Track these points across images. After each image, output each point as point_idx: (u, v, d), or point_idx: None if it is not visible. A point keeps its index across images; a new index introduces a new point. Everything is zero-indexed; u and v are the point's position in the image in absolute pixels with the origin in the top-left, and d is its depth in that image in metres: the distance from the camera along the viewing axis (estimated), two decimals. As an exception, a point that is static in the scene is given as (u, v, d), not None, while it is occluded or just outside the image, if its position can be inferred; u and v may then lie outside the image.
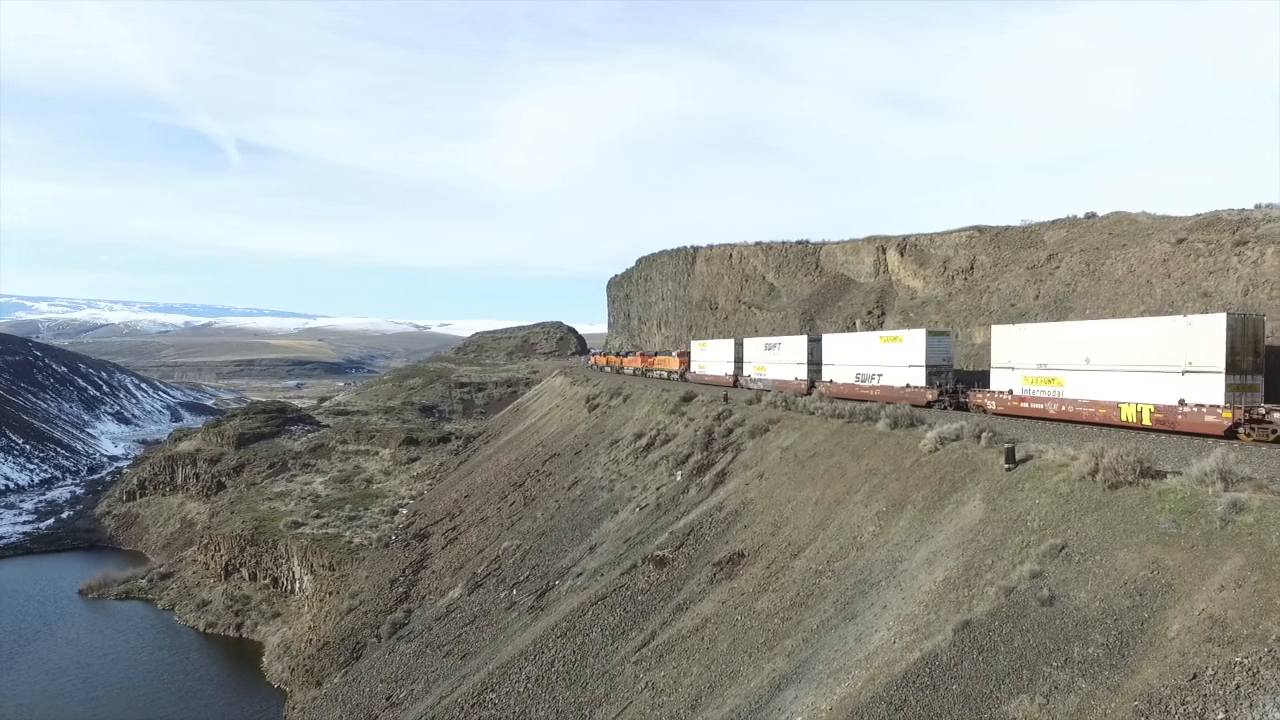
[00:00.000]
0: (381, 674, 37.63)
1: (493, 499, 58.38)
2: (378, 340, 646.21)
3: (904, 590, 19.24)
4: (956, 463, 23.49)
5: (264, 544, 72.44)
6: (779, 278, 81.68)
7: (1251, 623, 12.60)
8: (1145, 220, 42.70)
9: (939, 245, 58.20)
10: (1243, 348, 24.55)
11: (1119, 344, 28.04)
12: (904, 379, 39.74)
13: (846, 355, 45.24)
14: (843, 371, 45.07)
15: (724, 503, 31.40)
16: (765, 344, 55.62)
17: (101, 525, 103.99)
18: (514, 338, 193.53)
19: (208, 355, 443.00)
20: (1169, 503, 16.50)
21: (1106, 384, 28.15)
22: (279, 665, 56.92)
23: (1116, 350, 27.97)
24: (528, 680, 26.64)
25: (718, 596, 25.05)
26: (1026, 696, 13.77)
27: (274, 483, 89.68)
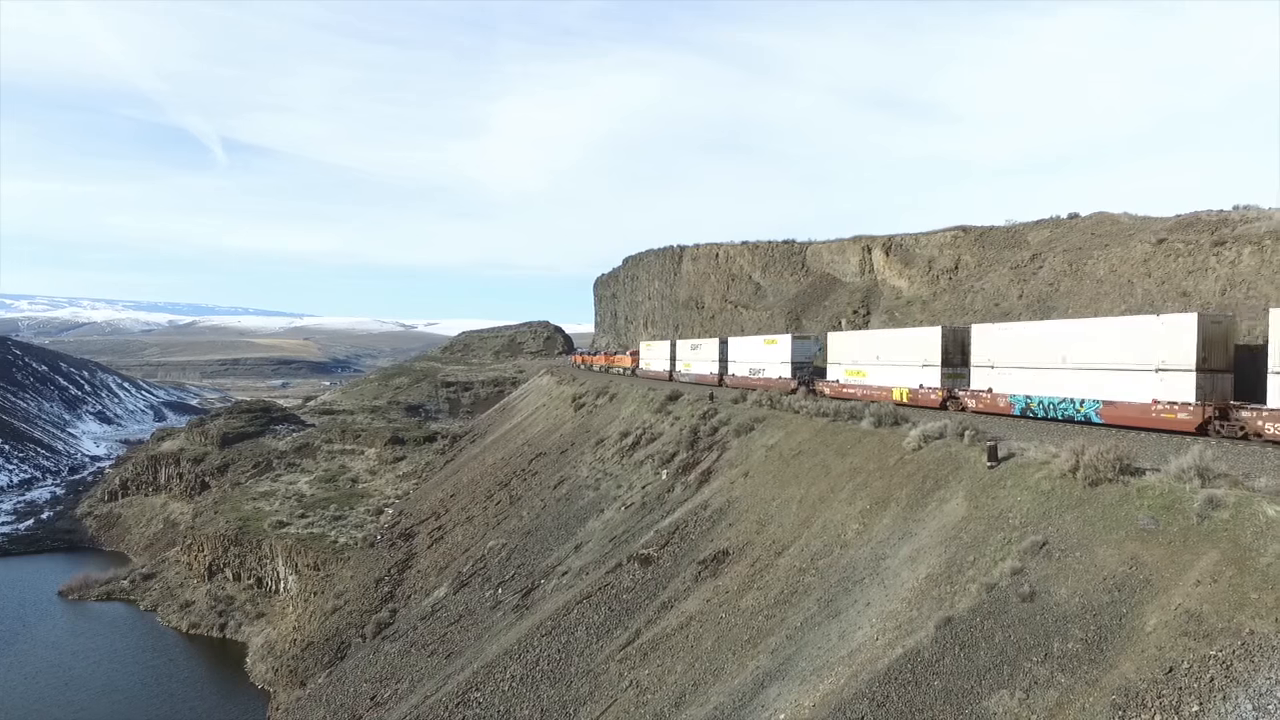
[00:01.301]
0: (366, 674, 37.44)
1: (479, 498, 58.22)
2: (364, 339, 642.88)
3: (887, 587, 19.35)
4: (939, 461, 23.63)
5: (248, 544, 71.93)
6: (765, 277, 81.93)
7: (1226, 617, 12.76)
8: (1127, 221, 43.13)
9: (924, 245, 58.54)
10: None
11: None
12: (778, 372, 50.41)
13: (744, 354, 56.33)
14: (741, 367, 56.10)
15: (709, 501, 31.46)
16: (691, 345, 67.71)
17: (82, 526, 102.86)
18: (501, 337, 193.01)
19: (192, 354, 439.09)
20: (1147, 499, 16.68)
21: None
22: (263, 666, 56.54)
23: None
24: (512, 679, 26.59)
25: (702, 594, 25.10)
26: (1007, 691, 13.89)
27: (258, 482, 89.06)
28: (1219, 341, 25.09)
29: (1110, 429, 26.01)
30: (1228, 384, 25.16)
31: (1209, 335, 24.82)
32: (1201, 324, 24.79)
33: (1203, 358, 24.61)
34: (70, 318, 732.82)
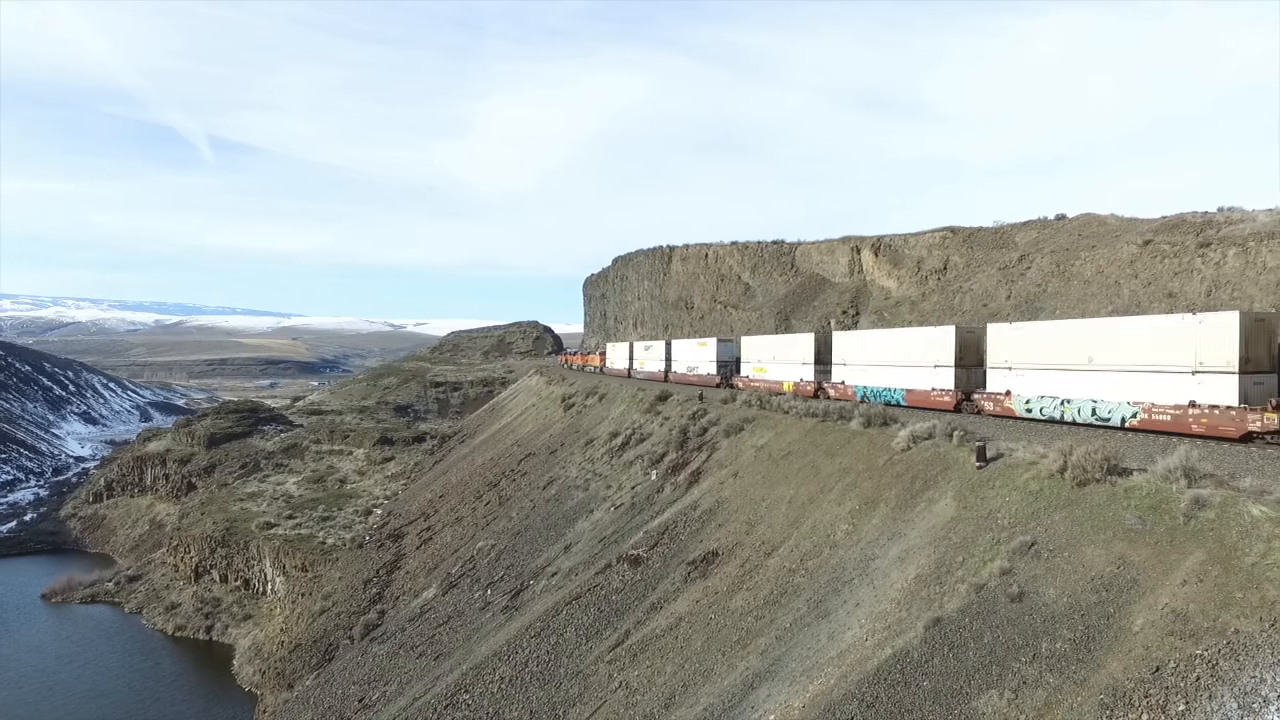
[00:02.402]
0: (354, 676, 37.23)
1: (468, 499, 58.02)
2: (352, 339, 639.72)
3: (876, 588, 19.38)
4: (928, 461, 23.70)
5: (235, 545, 71.44)
6: (755, 277, 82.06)
7: (1212, 616, 12.83)
8: (1114, 222, 43.42)
9: (913, 246, 58.76)
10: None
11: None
12: (707, 369, 59.69)
13: (683, 354, 65.83)
14: (681, 365, 65.52)
15: (698, 501, 31.45)
16: (645, 346, 76.14)
17: (66, 528, 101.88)
18: (490, 337, 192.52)
19: (178, 354, 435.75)
20: (1135, 499, 16.76)
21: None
22: (250, 668, 56.16)
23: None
24: (501, 680, 26.49)
25: (692, 595, 25.07)
26: (996, 692, 13.92)
27: (246, 483, 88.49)
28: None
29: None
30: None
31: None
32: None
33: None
34: (54, 317, 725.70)
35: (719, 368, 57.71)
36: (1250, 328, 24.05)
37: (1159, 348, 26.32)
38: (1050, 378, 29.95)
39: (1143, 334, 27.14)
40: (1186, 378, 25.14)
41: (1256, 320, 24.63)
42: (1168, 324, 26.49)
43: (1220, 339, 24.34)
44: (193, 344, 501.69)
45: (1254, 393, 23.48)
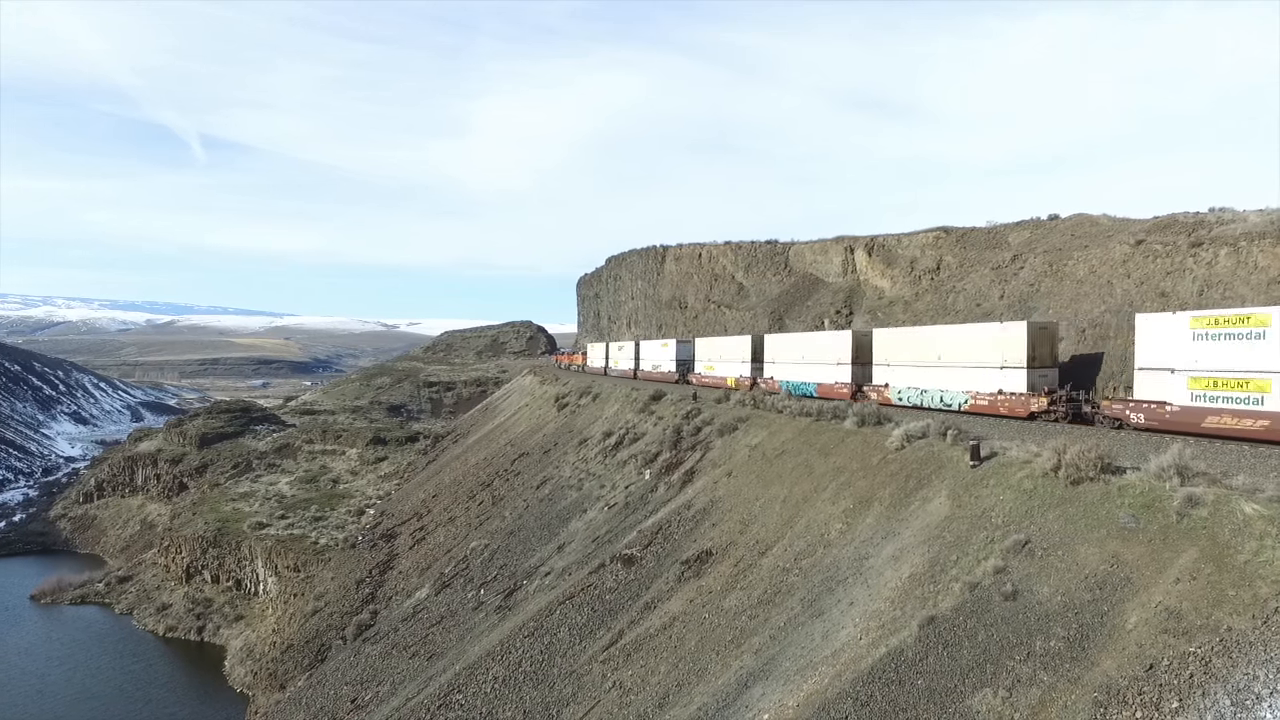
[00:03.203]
0: (347, 676, 37.05)
1: (461, 499, 57.86)
2: (345, 339, 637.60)
3: (870, 587, 19.37)
4: (922, 460, 23.72)
5: (227, 545, 71.10)
6: (748, 277, 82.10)
7: (1205, 613, 12.86)
8: (1106, 222, 43.53)
9: (906, 246, 58.82)
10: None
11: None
12: (668, 367, 67.09)
13: (649, 354, 73.34)
14: (647, 363, 72.95)
15: (692, 501, 31.41)
16: (619, 347, 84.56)
17: (56, 528, 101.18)
18: (483, 337, 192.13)
19: (170, 354, 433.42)
20: (1128, 498, 16.79)
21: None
22: (242, 669, 55.89)
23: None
24: (495, 680, 26.39)
25: (686, 595, 25.03)
26: (990, 690, 13.92)
27: (238, 483, 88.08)
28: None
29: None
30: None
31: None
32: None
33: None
34: (45, 317, 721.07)
35: (678, 365, 65.29)
36: (1036, 334, 31.19)
37: (980, 349, 33.24)
38: (913, 373, 36.96)
39: (971, 338, 34.24)
40: (996, 372, 32.23)
41: (1041, 328, 31.72)
42: (986, 330, 33.73)
43: (1016, 342, 31.32)
44: (185, 344, 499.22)
45: (1038, 383, 30.74)
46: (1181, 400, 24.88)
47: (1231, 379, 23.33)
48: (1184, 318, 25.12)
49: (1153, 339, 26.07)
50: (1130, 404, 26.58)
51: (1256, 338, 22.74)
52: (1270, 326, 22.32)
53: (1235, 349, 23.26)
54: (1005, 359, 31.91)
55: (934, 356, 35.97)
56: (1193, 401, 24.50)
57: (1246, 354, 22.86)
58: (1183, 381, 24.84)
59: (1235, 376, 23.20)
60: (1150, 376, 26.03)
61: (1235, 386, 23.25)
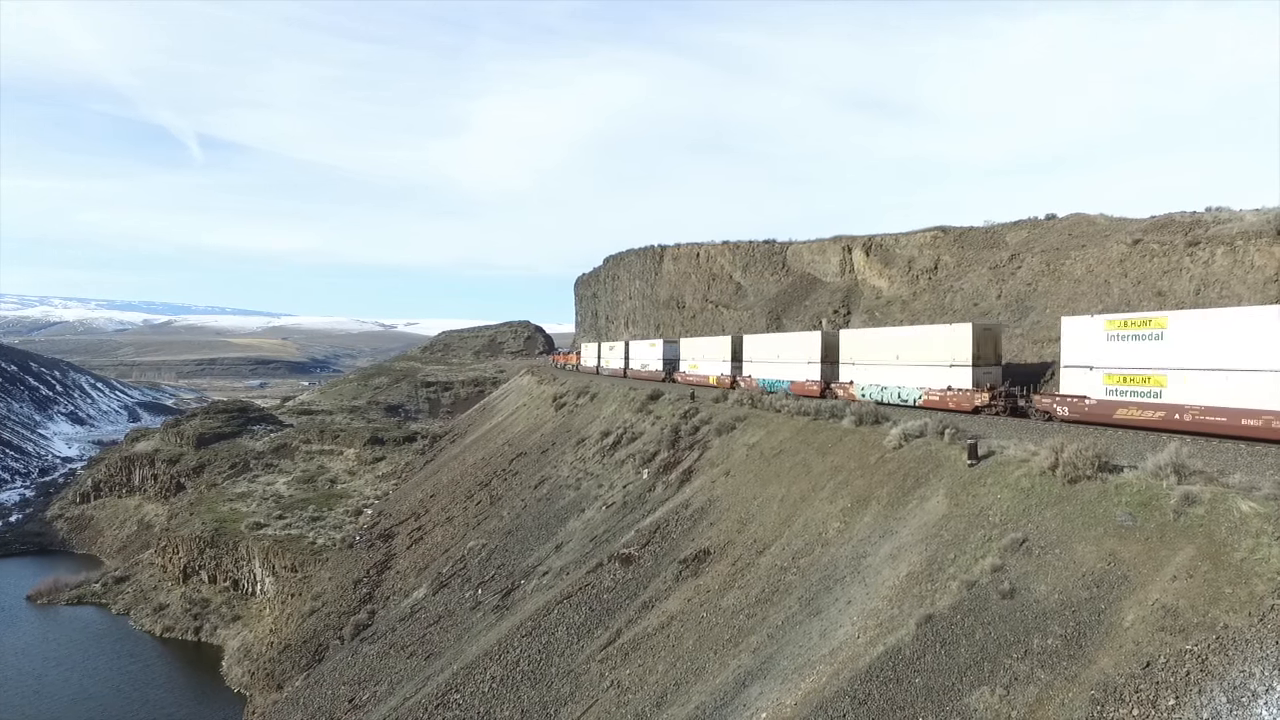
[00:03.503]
0: (344, 676, 37.01)
1: (459, 498, 57.82)
2: (343, 339, 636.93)
3: (868, 585, 19.38)
4: (920, 459, 23.73)
5: (224, 546, 71.02)
6: (746, 277, 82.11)
7: (1202, 611, 12.88)
8: (1103, 222, 43.61)
9: (904, 245, 58.87)
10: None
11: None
12: (655, 366, 69.49)
13: (638, 353, 75.84)
14: (636, 362, 75.53)
15: (690, 500, 31.41)
16: (610, 347, 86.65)
17: (53, 529, 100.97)
18: (481, 337, 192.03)
19: (167, 354, 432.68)
20: (1125, 496, 16.82)
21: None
22: (239, 669, 55.81)
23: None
24: (492, 680, 26.37)
25: (683, 594, 25.03)
26: (987, 688, 13.93)
27: (235, 483, 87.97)
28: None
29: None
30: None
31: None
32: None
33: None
34: (41, 316, 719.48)
35: (664, 364, 67.98)
36: (980, 335, 33.77)
37: (932, 348, 35.77)
38: (875, 371, 39.46)
39: (924, 338, 36.86)
40: (946, 369, 34.70)
41: (985, 329, 34.30)
42: (937, 331, 36.30)
43: (963, 342, 33.87)
44: (182, 344, 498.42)
45: (983, 380, 33.17)
46: (1098, 394, 27.24)
47: (1137, 375, 25.93)
48: (1100, 320, 27.57)
49: (1075, 339, 28.26)
50: (1056, 398, 28.93)
51: (1157, 338, 25.44)
52: (1167, 328, 25.04)
53: (1140, 348, 25.84)
54: (954, 358, 34.58)
55: (893, 356, 38.70)
56: (1107, 395, 26.88)
57: (1149, 353, 25.51)
58: (1099, 377, 27.24)
59: (1140, 373, 25.84)
60: (1073, 373, 28.31)
61: (1140, 382, 25.87)
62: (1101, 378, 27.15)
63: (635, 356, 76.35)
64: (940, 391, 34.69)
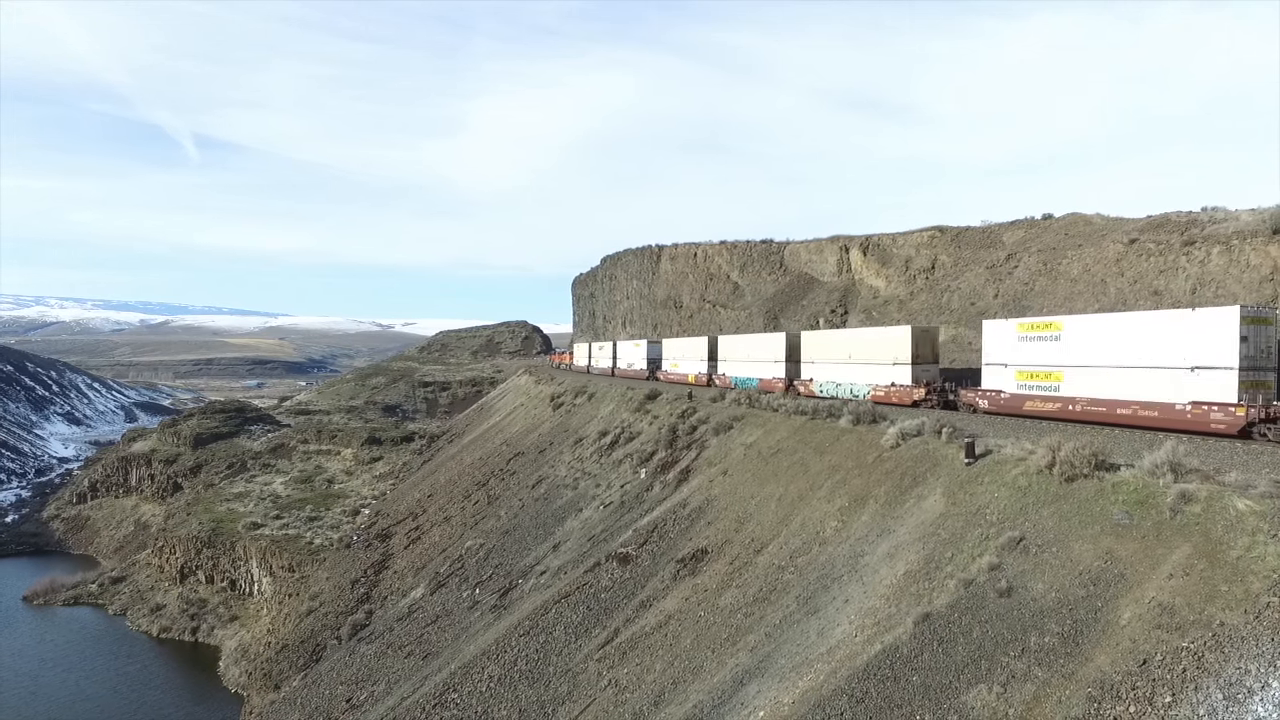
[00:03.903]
0: (342, 676, 36.98)
1: (456, 498, 57.79)
2: (340, 339, 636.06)
3: (865, 584, 19.41)
4: (918, 458, 23.76)
5: (221, 546, 70.92)
6: (743, 276, 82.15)
7: (1198, 609, 12.91)
8: (1099, 221, 43.69)
9: (901, 245, 58.95)
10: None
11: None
12: (640, 365, 73.31)
13: (624, 353, 79.81)
14: (623, 361, 79.32)
15: (688, 500, 31.42)
16: (599, 347, 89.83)
17: (49, 529, 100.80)
18: (479, 337, 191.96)
19: (164, 354, 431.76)
20: (1122, 494, 16.85)
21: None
22: (236, 669, 55.77)
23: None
24: (490, 679, 26.37)
25: (681, 593, 25.04)
26: (985, 686, 13.95)
27: (232, 483, 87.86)
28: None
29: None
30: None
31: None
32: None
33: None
34: (37, 317, 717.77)
35: (648, 364, 71.96)
36: (919, 336, 37.76)
37: (878, 349, 39.59)
38: (832, 369, 43.21)
39: (871, 340, 40.80)
40: (890, 367, 38.39)
41: (923, 331, 38.44)
42: (882, 333, 40.48)
43: (904, 343, 37.65)
44: (179, 344, 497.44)
45: (921, 376, 36.97)
46: (1011, 389, 30.95)
47: (1040, 371, 29.81)
48: (1013, 324, 31.32)
49: (993, 340, 32.00)
50: (979, 392, 32.42)
51: (1055, 340, 29.23)
52: (1063, 331, 28.93)
53: (1043, 349, 29.65)
54: (896, 357, 38.34)
55: (846, 355, 42.67)
56: (1018, 390, 30.62)
57: (1049, 353, 29.34)
58: (1012, 374, 31.10)
59: (1042, 370, 29.71)
60: (992, 370, 32.12)
61: (1043, 377, 29.68)
62: (1014, 374, 30.94)
63: (622, 356, 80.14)
64: (885, 387, 38.20)
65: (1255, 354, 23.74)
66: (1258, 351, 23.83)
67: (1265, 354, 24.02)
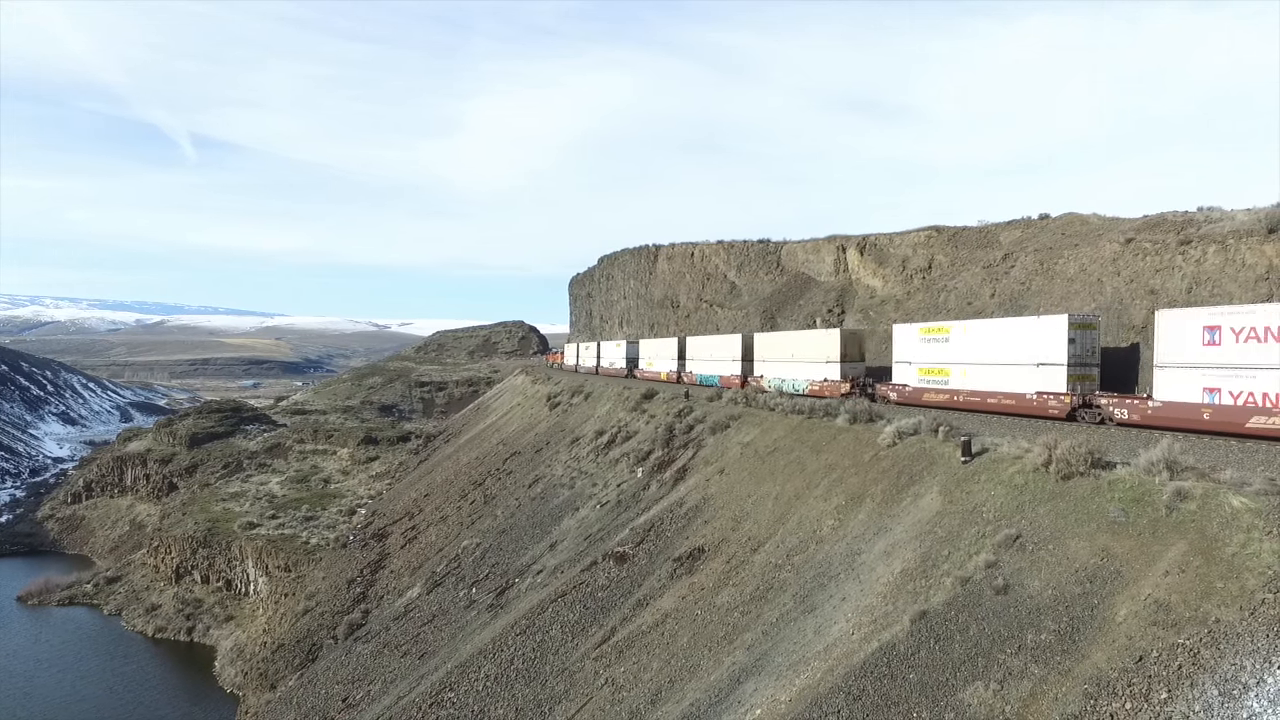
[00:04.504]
0: (338, 675, 36.92)
1: (453, 498, 57.72)
2: (336, 339, 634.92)
3: (862, 582, 19.42)
4: (914, 456, 23.79)
5: (217, 546, 70.71)
6: (740, 276, 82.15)
7: (1193, 606, 12.94)
8: (1096, 221, 43.75)
9: (898, 245, 58.97)
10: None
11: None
12: (620, 364, 78.73)
13: (607, 352, 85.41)
14: (606, 360, 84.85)
15: (685, 499, 31.42)
16: (584, 347, 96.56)
17: (44, 529, 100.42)
18: (475, 337, 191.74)
19: (160, 354, 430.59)
20: (1118, 492, 16.89)
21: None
22: (232, 669, 55.61)
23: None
24: (487, 678, 26.34)
25: (678, 592, 25.03)
26: (981, 683, 13.97)
27: (228, 483, 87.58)
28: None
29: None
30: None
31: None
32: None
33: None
34: (32, 316, 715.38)
35: (627, 363, 77.11)
36: (847, 337, 43.75)
37: (814, 348, 45.11)
38: (778, 366, 48.76)
39: (809, 340, 46.46)
40: (824, 365, 43.96)
41: (851, 333, 44.78)
42: (816, 335, 46.38)
43: (834, 344, 43.50)
44: (174, 344, 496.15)
45: (848, 373, 42.36)
46: (914, 383, 36.70)
47: (934, 368, 35.74)
48: (915, 328, 37.38)
49: (901, 342, 37.95)
50: (890, 386, 38.21)
51: (945, 341, 35.27)
52: (950, 334, 35.10)
53: (936, 349, 35.63)
54: (828, 356, 43.76)
55: (790, 354, 48.02)
56: (919, 384, 36.41)
57: (940, 353, 35.34)
58: (915, 370, 36.80)
59: (935, 366, 35.68)
60: (900, 367, 37.80)
61: (936, 373, 35.57)
62: (916, 370, 36.74)
63: (605, 355, 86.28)
64: (820, 382, 43.55)
65: (1081, 353, 29.67)
66: (1084, 351, 29.74)
67: (1090, 353, 29.97)
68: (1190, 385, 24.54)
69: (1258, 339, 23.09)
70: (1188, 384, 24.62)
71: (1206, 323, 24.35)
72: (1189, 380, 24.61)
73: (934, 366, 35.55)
